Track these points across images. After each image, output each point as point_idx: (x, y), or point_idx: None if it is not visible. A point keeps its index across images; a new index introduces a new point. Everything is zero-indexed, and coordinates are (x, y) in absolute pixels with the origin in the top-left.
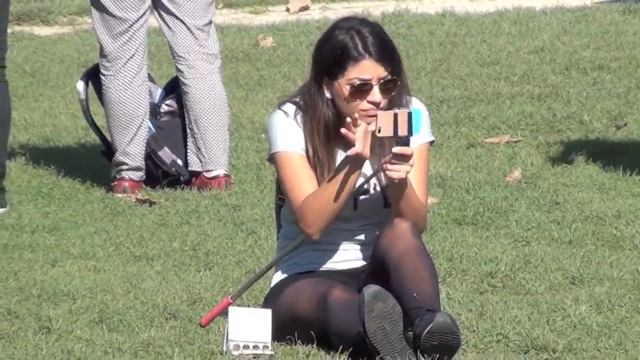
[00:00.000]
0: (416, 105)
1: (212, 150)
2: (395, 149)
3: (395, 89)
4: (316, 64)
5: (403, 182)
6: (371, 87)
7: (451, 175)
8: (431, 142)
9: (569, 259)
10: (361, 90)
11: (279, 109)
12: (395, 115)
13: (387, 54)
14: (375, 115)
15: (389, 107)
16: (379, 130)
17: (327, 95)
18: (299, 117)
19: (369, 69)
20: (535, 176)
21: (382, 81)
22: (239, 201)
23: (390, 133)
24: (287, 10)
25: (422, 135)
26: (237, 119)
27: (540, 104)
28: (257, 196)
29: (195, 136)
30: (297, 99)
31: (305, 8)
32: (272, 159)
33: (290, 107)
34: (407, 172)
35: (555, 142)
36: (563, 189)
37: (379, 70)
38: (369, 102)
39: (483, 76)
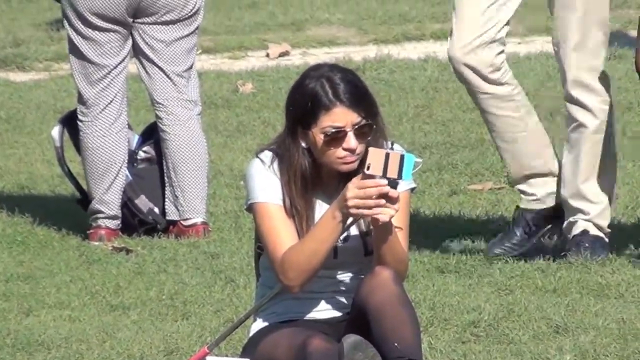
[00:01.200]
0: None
1: (190, 197)
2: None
3: (370, 133)
4: (289, 114)
5: (387, 226)
6: (345, 133)
7: (434, 222)
8: (412, 189)
9: (553, 307)
10: (336, 137)
11: (257, 157)
12: (387, 156)
13: (359, 98)
14: (353, 162)
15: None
16: (368, 167)
17: (303, 144)
18: (275, 165)
19: (341, 116)
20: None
21: (356, 127)
22: (217, 249)
23: (380, 172)
24: (267, 55)
25: (404, 182)
26: (216, 166)
27: None
28: (236, 244)
29: (173, 184)
30: (275, 147)
31: (285, 53)
32: (250, 209)
33: (267, 156)
34: (392, 216)
35: None
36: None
37: (351, 116)
38: (344, 149)
39: (466, 122)
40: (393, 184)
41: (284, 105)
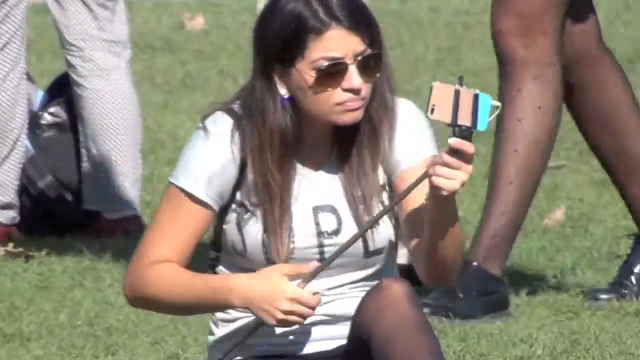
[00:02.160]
0: (413, 111)
1: (117, 180)
2: (452, 141)
3: (379, 69)
4: (260, 50)
5: (451, 200)
6: (345, 67)
7: (465, 216)
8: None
9: (634, 337)
10: (332, 73)
11: (202, 124)
12: (457, 94)
13: (361, 17)
14: (357, 109)
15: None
16: (432, 110)
17: (282, 91)
18: (236, 135)
19: (339, 42)
20: (585, 217)
21: (359, 58)
22: None
23: (447, 118)
24: None
25: (426, 148)
26: (153, 135)
27: None
28: None
29: (93, 160)
30: (235, 107)
31: None
32: (171, 186)
33: (221, 121)
34: (463, 183)
35: None
36: (626, 236)
37: (353, 41)
38: (345, 90)
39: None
40: (466, 133)
41: (248, 46)
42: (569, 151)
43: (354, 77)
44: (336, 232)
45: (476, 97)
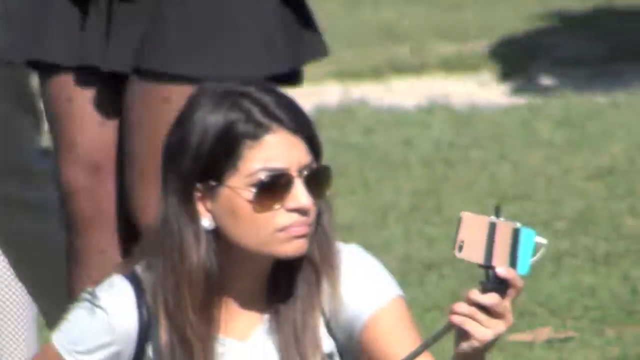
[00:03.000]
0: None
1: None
2: (502, 271)
3: (327, 186)
4: (177, 167)
5: (482, 351)
6: (291, 181)
7: None
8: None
9: None
10: (274, 189)
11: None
12: (493, 227)
13: (304, 121)
14: (303, 236)
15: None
16: (460, 247)
17: (205, 221)
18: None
19: (281, 149)
20: None
21: (305, 172)
22: None
23: (480, 258)
24: None
25: (385, 292)
26: None
27: (611, 269)
28: None
29: None
30: (139, 268)
31: None
32: (48, 345)
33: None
34: (499, 333)
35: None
36: None
37: (297, 149)
38: (290, 210)
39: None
40: (500, 286)
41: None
42: (579, 320)
43: (301, 194)
44: None
45: (516, 232)
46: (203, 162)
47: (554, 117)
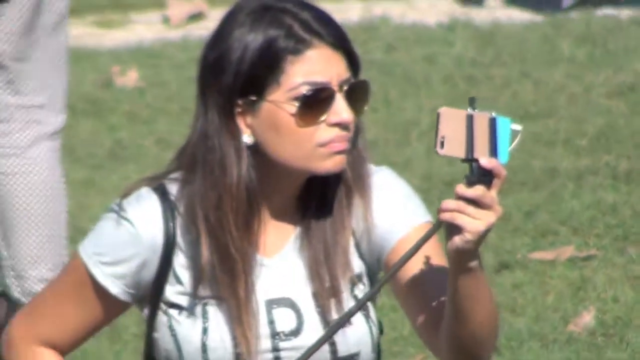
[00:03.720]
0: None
1: (27, 285)
2: (485, 161)
3: (365, 102)
4: (216, 84)
5: (474, 252)
6: (332, 95)
7: None
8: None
9: None
10: (317, 103)
11: (119, 203)
12: (470, 119)
13: (343, 36)
14: (343, 152)
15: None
16: (442, 144)
17: (246, 137)
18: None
19: (322, 64)
20: (621, 322)
21: (345, 87)
22: None
23: (461, 153)
24: (166, 20)
25: (417, 213)
26: (74, 223)
27: (632, 186)
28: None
29: (3, 262)
30: (168, 182)
31: (197, 16)
32: (73, 255)
33: (143, 204)
34: (490, 224)
35: None
36: None
37: (338, 64)
38: (331, 124)
39: (527, 138)
40: (487, 178)
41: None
42: (601, 238)
43: (342, 108)
44: (295, 333)
45: (493, 121)
46: (244, 78)
47: (576, 34)
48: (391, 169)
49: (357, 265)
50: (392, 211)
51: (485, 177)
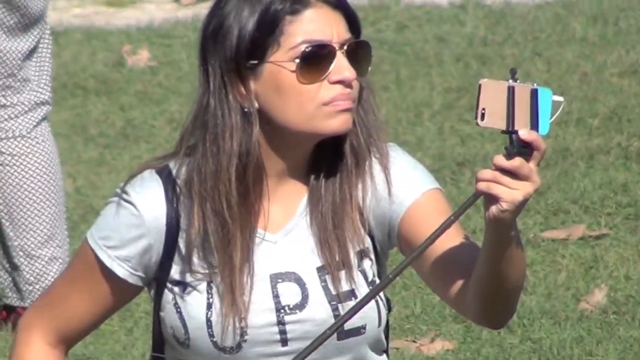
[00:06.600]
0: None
1: (38, 265)
2: (524, 134)
3: (369, 65)
4: (217, 50)
5: (512, 221)
6: (333, 52)
7: None
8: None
9: None
10: (318, 60)
11: (122, 187)
12: (511, 91)
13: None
14: (348, 110)
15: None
16: (483, 115)
17: (245, 105)
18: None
19: (321, 22)
20: (633, 300)
21: (346, 46)
22: (88, 350)
23: (501, 124)
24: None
25: (424, 183)
26: (85, 201)
27: None
28: (122, 340)
29: (9, 243)
30: (172, 163)
31: None
32: (83, 241)
33: (147, 187)
34: (528, 194)
35: None
36: None
37: (338, 23)
38: (333, 82)
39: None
40: (526, 150)
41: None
42: (613, 216)
43: (343, 66)
44: (300, 307)
45: (534, 93)
46: (245, 43)
47: (588, 13)
48: (397, 145)
49: (365, 241)
50: (401, 180)
51: (525, 149)
